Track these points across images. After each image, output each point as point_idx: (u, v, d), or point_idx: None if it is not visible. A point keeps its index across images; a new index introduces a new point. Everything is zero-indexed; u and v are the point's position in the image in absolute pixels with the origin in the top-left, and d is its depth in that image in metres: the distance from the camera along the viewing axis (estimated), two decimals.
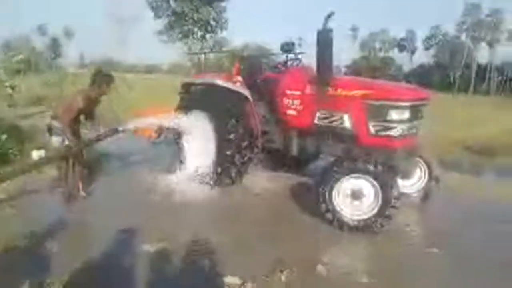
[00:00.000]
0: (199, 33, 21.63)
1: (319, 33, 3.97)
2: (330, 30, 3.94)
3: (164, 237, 3.48)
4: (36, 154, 5.94)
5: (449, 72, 55.99)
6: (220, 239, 3.53)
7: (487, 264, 3.31)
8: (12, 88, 6.84)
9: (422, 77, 51.85)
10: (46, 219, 3.84)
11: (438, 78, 53.94)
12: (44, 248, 3.25)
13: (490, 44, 55.94)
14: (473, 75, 52.05)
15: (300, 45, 32.84)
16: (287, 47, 5.08)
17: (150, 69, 59.84)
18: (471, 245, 3.67)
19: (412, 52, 69.55)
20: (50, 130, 4.45)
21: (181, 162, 5.22)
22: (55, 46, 65.08)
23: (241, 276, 2.88)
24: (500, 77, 52.81)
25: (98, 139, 4.56)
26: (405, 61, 67.24)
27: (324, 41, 3.98)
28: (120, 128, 4.63)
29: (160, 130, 5.63)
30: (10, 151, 5.72)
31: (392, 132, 3.96)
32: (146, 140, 6.37)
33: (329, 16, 3.97)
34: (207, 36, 21.77)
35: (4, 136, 5.79)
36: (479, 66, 54.28)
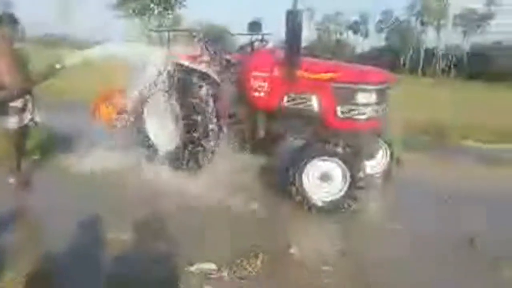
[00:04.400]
0: (156, 10, 20.72)
1: (289, 14, 3.89)
2: (300, 11, 3.88)
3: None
4: None
5: (399, 55, 58.22)
6: None
7: None
8: None
9: (374, 59, 53.52)
10: None
11: (389, 60, 55.93)
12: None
13: (437, 29, 58.64)
14: (422, 58, 54.65)
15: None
16: (254, 27, 4.96)
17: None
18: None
19: (365, 35, 71.47)
20: None
21: (144, 146, 5.02)
22: None
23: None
24: (445, 62, 55.68)
25: (38, 79, 4.27)
26: (358, 44, 69.17)
27: (294, 22, 3.90)
28: (58, 66, 4.40)
29: (122, 109, 5.25)
30: None
31: (359, 115, 4.04)
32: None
33: None
34: (165, 13, 20.94)
35: None
36: (426, 50, 56.93)
